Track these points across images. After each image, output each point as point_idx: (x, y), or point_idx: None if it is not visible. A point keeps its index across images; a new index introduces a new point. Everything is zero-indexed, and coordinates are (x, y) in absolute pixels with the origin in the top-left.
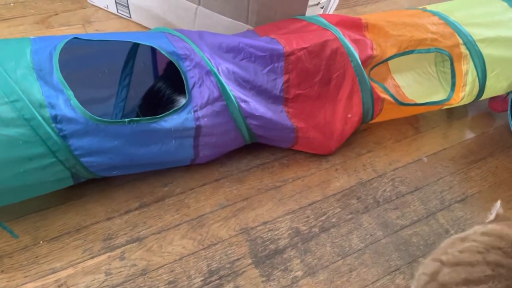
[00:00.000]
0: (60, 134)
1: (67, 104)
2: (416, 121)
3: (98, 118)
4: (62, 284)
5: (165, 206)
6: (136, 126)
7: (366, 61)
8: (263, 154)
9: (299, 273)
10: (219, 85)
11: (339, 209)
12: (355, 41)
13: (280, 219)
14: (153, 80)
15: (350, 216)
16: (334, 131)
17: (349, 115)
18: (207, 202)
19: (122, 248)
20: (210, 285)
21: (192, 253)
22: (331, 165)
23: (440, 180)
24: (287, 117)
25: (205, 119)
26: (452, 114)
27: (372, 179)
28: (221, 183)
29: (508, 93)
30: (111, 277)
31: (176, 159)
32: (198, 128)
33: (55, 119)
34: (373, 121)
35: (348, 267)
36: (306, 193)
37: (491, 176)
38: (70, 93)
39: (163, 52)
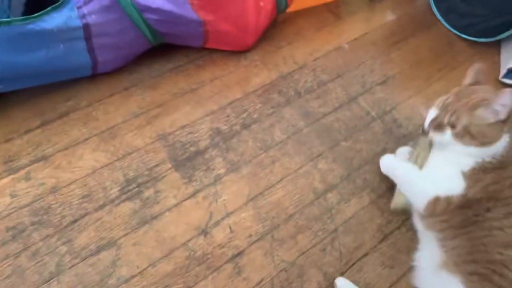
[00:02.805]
0: None
1: None
2: (336, 7)
3: None
4: None
5: (70, 121)
6: (8, 28)
7: None
8: (177, 57)
9: (222, 171)
10: None
11: (260, 105)
12: None
13: (199, 121)
14: None
15: (271, 110)
16: (248, 23)
17: (261, 3)
18: (117, 113)
19: (27, 168)
20: (128, 193)
21: (106, 165)
22: (250, 62)
23: (362, 65)
24: (191, 9)
25: (93, 16)
26: None
27: (293, 71)
28: (132, 92)
29: None
30: (17, 199)
31: (71, 66)
32: (86, 27)
33: None
34: (290, 9)
35: (271, 159)
36: (225, 92)
37: (412, 55)
38: None
39: None
